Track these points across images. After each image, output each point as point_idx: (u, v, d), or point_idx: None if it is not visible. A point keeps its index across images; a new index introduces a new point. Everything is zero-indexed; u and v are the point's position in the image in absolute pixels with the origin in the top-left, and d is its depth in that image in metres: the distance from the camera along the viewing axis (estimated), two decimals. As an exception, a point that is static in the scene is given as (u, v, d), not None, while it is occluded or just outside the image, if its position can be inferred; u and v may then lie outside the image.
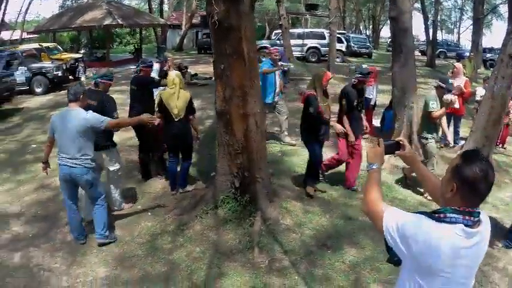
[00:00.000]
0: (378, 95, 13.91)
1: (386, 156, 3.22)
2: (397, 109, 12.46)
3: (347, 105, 8.79)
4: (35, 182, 9.95)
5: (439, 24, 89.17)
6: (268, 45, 34.48)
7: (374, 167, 3.08)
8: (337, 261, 6.41)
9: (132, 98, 9.49)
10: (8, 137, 14.33)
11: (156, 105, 8.78)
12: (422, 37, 56.64)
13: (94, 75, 8.52)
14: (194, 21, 51.70)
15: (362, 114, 9.45)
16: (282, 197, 8.13)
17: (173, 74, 8.60)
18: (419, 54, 49.49)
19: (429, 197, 8.53)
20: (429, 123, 9.22)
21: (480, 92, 12.83)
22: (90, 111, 6.76)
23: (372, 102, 12.86)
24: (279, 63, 12.34)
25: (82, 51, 39.76)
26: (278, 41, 34.56)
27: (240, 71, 6.86)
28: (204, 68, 25.91)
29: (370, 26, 79.77)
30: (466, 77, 15.11)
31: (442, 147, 12.06)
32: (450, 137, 11.85)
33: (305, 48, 35.73)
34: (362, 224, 7.50)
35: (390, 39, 34.08)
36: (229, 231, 7.05)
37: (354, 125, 8.82)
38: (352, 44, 42.92)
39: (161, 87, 9.87)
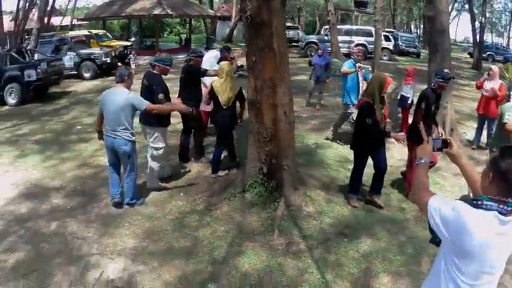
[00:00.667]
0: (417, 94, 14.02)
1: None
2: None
3: (425, 109, 8.38)
4: (78, 160, 10.55)
5: (489, 26, 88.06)
6: (315, 40, 34.74)
7: (423, 161, 3.38)
8: (351, 249, 6.62)
9: (181, 85, 10.02)
10: (55, 118, 15.02)
11: (207, 93, 9.25)
12: (472, 39, 56.09)
13: (154, 59, 9.05)
14: (245, 13, 52.16)
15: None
16: (308, 185, 8.32)
17: (224, 65, 9.06)
18: (468, 56, 48.99)
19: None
20: (501, 134, 8.56)
21: None
22: (132, 93, 7.64)
23: (409, 101, 12.82)
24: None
25: (132, 39, 40.50)
26: (326, 37, 34.74)
27: (270, 64, 7.16)
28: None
29: (421, 26, 78.88)
30: (509, 81, 15.15)
31: (473, 148, 12.27)
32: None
33: (352, 45, 35.44)
34: (382, 216, 7.75)
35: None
36: (254, 214, 7.37)
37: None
38: (401, 43, 42.55)
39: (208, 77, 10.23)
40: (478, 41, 37.48)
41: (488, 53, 50.00)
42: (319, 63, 15.50)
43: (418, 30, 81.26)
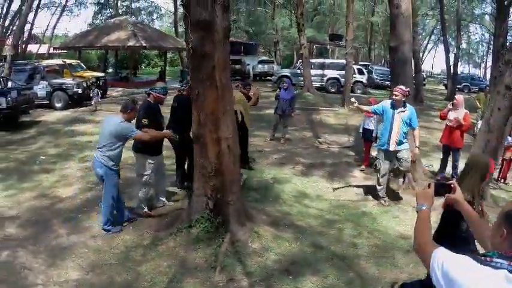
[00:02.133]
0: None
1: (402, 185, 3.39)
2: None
3: None
4: (37, 190, 10.50)
5: (466, 58, 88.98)
6: (288, 74, 35.04)
7: (424, 208, 3.16)
8: (294, 287, 6.53)
9: (171, 115, 10.23)
10: (21, 147, 14.90)
11: None
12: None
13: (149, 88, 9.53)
14: (220, 47, 52.56)
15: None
16: (256, 221, 8.28)
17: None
18: (443, 87, 49.50)
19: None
20: None
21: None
22: (126, 122, 8.03)
23: (374, 134, 12.78)
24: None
25: (109, 70, 40.57)
26: (298, 70, 35.06)
27: (212, 97, 7.15)
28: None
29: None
30: (482, 111, 15.20)
31: (438, 179, 12.15)
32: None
33: (325, 79, 36.03)
34: (331, 253, 7.64)
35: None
36: (199, 250, 7.28)
37: None
38: (375, 76, 42.87)
39: None
40: (452, 72, 37.87)
41: (464, 84, 50.71)
42: (285, 97, 15.58)
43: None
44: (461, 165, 11.49)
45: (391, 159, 10.04)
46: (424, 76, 64.84)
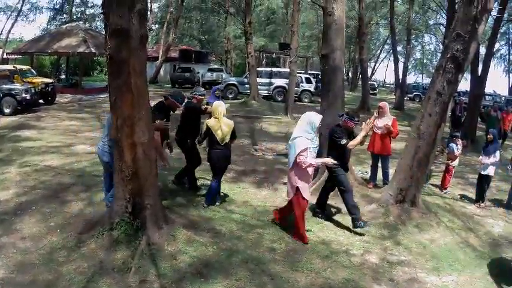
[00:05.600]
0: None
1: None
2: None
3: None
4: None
5: (420, 68, 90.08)
6: (235, 82, 35.51)
7: None
8: None
9: (181, 120, 10.94)
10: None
11: (203, 131, 9.89)
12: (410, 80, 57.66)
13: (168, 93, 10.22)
14: (173, 54, 52.36)
15: None
16: (175, 225, 8.41)
17: (217, 104, 9.83)
18: (394, 97, 50.17)
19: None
20: None
21: None
22: None
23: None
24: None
25: (62, 77, 40.33)
26: (245, 79, 35.51)
27: (128, 103, 7.28)
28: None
29: (350, 68, 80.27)
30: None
31: (369, 187, 12.44)
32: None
33: (272, 87, 36.52)
34: (247, 257, 7.81)
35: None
36: (118, 252, 7.38)
37: None
38: (323, 86, 43.09)
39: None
40: (400, 81, 38.59)
41: (415, 93, 51.46)
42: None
43: (349, 73, 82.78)
44: (391, 171, 11.79)
45: None
46: (376, 85, 65.80)
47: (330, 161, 8.95)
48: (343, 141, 9.36)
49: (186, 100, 10.78)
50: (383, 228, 9.95)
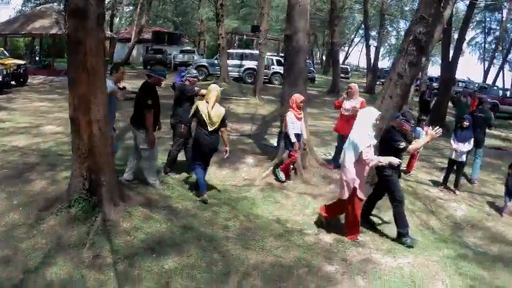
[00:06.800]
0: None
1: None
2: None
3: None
4: None
5: (394, 53, 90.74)
6: (205, 64, 35.73)
7: None
8: (156, 265, 6.82)
9: (174, 102, 11.07)
10: None
11: (192, 112, 9.75)
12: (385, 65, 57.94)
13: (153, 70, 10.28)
14: (147, 36, 52.20)
15: None
16: (132, 202, 8.53)
17: (212, 88, 9.70)
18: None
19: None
20: None
21: None
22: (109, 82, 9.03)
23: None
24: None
25: (37, 58, 40.15)
26: (216, 61, 36.18)
27: (84, 82, 7.37)
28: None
29: (325, 52, 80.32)
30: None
31: (331, 168, 12.50)
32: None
33: (242, 69, 36.89)
34: (200, 234, 7.97)
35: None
36: (75, 229, 7.49)
37: None
38: (295, 67, 43.59)
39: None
40: (372, 65, 39.02)
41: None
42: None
43: (322, 56, 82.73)
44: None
45: None
46: (349, 69, 66.10)
47: (396, 160, 8.50)
48: (402, 145, 8.61)
49: (179, 82, 11.35)
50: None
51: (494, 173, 14.99)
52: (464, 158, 12.74)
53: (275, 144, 14.05)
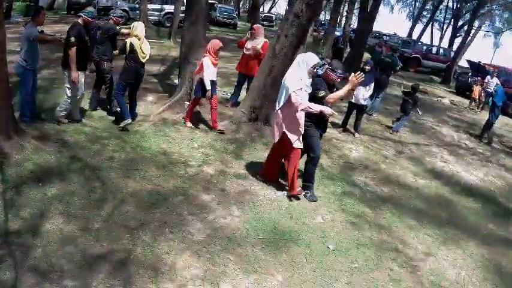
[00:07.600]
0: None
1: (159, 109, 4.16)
2: (182, 65, 12.89)
3: None
4: None
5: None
6: (126, 8, 35.73)
7: None
8: (41, 192, 7.31)
9: (98, 40, 11.38)
10: None
11: (123, 47, 10.55)
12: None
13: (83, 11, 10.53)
14: (76, -20, 50.88)
15: None
16: (26, 136, 8.85)
17: (137, 24, 10.53)
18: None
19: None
20: None
21: None
22: (28, 25, 9.94)
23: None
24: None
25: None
26: (137, 5, 36.58)
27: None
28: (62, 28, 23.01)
29: (251, -1, 79.84)
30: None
31: (227, 106, 13.23)
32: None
33: (162, 14, 37.05)
34: (85, 164, 8.56)
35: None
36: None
37: None
38: (218, 14, 45.07)
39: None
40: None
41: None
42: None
43: (246, 4, 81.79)
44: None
45: None
46: (274, 18, 67.14)
47: (329, 110, 8.04)
48: (321, 93, 8.19)
49: (103, 22, 11.84)
50: (230, 144, 10.69)
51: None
52: (363, 102, 13.43)
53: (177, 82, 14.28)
